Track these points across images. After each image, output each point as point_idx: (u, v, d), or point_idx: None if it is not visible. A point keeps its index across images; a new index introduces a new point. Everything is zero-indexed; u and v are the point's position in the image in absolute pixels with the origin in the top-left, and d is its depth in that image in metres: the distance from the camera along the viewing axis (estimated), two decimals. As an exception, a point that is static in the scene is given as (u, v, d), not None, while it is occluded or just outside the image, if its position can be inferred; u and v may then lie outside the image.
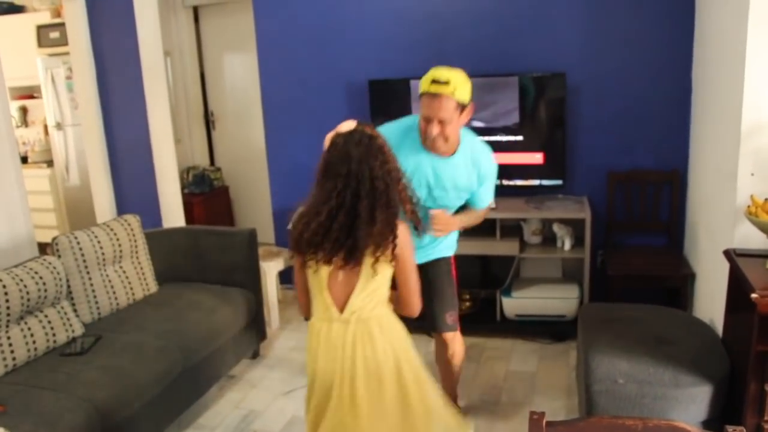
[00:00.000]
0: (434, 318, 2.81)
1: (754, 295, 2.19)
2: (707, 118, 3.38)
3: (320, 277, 1.97)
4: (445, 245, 2.85)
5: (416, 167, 2.55)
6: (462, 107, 2.45)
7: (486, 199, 2.78)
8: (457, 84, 2.40)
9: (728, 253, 2.57)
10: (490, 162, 2.70)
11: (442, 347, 2.89)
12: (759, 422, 2.30)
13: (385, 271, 1.98)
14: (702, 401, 2.40)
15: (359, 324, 1.97)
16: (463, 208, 2.79)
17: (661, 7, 3.73)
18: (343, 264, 1.93)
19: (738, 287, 2.45)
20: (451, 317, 2.84)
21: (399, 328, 2.08)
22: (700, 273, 3.46)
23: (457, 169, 2.59)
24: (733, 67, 2.72)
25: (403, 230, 1.97)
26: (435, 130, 2.43)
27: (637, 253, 3.89)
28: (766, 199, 2.41)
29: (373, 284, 1.97)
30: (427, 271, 2.74)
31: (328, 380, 1.99)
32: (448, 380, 2.98)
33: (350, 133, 1.96)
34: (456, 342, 2.88)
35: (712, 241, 3.16)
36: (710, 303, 3.12)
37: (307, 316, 2.11)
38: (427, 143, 2.52)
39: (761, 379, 2.26)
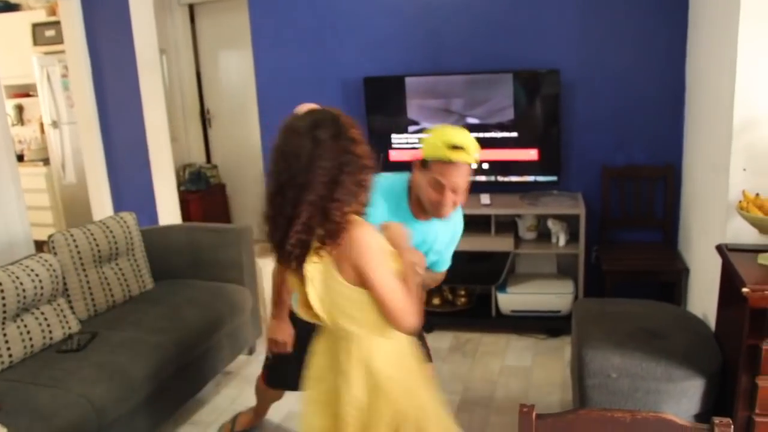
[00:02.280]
0: None
1: (745, 290, 2.20)
2: (700, 114, 3.40)
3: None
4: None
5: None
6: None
7: (448, 260, 2.47)
8: (473, 147, 2.12)
9: (720, 248, 2.58)
10: (461, 222, 2.45)
11: None
12: (750, 415, 2.32)
13: (340, 281, 1.67)
14: (694, 395, 2.42)
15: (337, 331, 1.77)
16: None
17: (655, 3, 3.75)
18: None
19: (730, 282, 2.47)
20: None
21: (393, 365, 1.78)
22: (693, 268, 3.48)
23: (440, 228, 2.34)
24: (726, 63, 2.73)
25: (359, 231, 1.64)
26: (451, 198, 2.14)
27: (632, 248, 3.91)
28: (757, 194, 2.43)
29: (332, 293, 1.70)
30: None
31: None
32: None
33: (306, 114, 1.69)
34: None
35: (705, 236, 3.18)
36: (703, 297, 3.14)
37: None
38: (437, 213, 2.20)
39: (752, 373, 2.28)
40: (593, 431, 1.31)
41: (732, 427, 1.29)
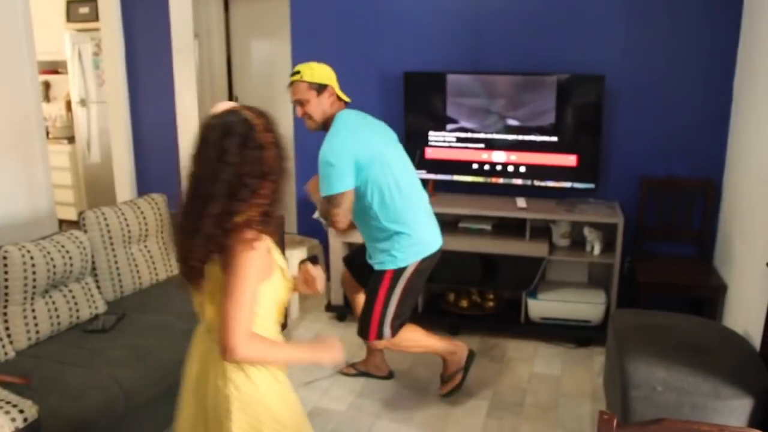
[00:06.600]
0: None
1: (804, 308, 2.13)
2: (750, 128, 3.31)
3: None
4: (378, 256, 2.93)
5: None
6: (316, 88, 2.81)
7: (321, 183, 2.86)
8: (305, 71, 2.81)
9: (773, 265, 2.51)
10: (325, 146, 2.79)
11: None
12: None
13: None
14: (742, 414, 2.34)
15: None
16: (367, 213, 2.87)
17: (706, 12, 3.66)
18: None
19: (783, 300, 2.40)
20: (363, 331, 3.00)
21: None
22: (733, 284, 3.39)
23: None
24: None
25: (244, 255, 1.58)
26: (299, 111, 2.87)
27: (666, 261, 3.82)
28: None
29: None
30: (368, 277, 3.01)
31: None
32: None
33: (219, 116, 1.63)
34: (383, 346, 3.09)
35: (749, 252, 3.09)
36: (745, 315, 3.06)
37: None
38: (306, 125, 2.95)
39: (806, 395, 2.21)
40: (676, 445, 1.24)
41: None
